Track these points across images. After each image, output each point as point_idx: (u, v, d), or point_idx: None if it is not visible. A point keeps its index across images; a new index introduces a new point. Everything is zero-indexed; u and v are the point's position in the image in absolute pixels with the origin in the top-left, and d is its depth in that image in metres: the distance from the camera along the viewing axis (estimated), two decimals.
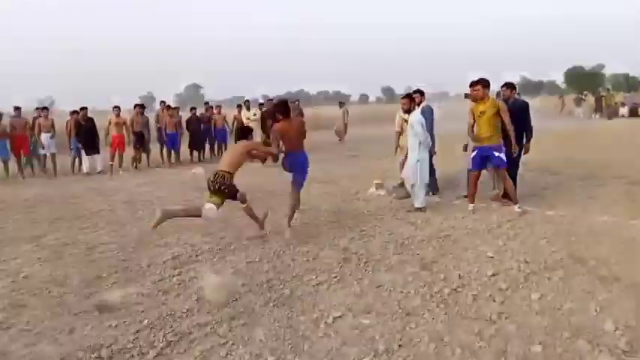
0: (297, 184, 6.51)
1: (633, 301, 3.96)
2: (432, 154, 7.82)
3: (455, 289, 4.38)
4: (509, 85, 7.74)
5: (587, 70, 77.21)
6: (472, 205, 7.30)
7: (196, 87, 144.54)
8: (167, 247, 6.19)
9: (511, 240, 5.81)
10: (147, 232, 6.90)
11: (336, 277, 4.84)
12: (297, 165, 6.45)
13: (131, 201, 9.42)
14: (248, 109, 15.86)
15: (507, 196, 7.40)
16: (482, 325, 3.67)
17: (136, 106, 14.35)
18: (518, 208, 7.02)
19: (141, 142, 14.09)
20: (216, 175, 6.03)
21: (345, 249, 5.74)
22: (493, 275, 4.67)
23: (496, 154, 6.97)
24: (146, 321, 4.00)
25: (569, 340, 3.38)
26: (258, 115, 15.17)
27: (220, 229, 6.96)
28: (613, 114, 28.89)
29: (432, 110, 8.27)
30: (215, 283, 4.49)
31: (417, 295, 4.30)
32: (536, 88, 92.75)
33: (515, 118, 7.26)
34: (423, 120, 7.39)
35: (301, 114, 18.68)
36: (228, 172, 6.07)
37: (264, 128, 14.38)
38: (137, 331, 3.84)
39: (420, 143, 7.32)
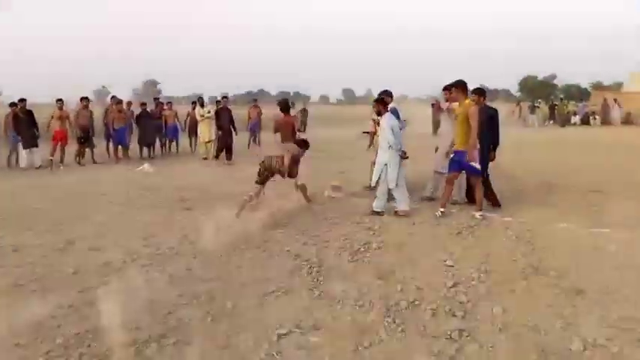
0: None
1: (598, 316, 3.72)
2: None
3: (413, 302, 4.04)
4: (475, 91, 7.47)
5: (540, 80, 79.68)
6: (442, 209, 6.98)
7: (154, 83, 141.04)
8: (101, 251, 5.61)
9: (471, 248, 5.54)
10: (81, 234, 6.31)
11: (284, 287, 4.42)
12: None
13: (70, 199, 8.71)
14: (202, 105, 15.26)
15: (473, 201, 7.19)
16: (441, 345, 3.32)
17: (81, 99, 13.51)
18: (480, 215, 6.79)
19: (85, 136, 13.27)
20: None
21: (297, 255, 5.32)
22: (453, 286, 4.36)
23: (468, 160, 6.75)
24: (61, 339, 3.47)
25: None
26: (213, 113, 14.58)
27: (163, 231, 6.43)
28: (565, 122, 29.63)
29: (397, 112, 7.97)
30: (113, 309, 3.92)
31: (372, 309, 3.93)
32: (492, 95, 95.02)
33: (484, 125, 7.05)
34: (395, 124, 7.04)
35: (260, 112, 18.22)
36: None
37: (219, 125, 13.83)
38: (48, 352, 3.30)
39: (390, 147, 6.99)
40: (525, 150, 14.97)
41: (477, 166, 6.77)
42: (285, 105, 8.62)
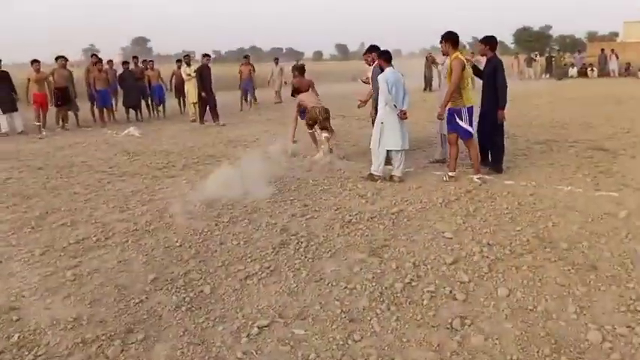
0: None
1: (615, 297, 3.37)
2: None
3: (409, 283, 3.67)
4: (482, 40, 6.86)
5: (535, 31, 78.06)
6: (451, 173, 6.54)
7: (144, 40, 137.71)
8: (73, 226, 5.21)
9: (471, 216, 5.15)
10: (56, 207, 5.90)
11: (269, 267, 4.04)
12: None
13: (47, 167, 8.25)
14: (188, 64, 14.43)
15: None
16: (442, 336, 2.97)
17: (57, 58, 12.70)
18: (478, 178, 6.39)
19: (64, 98, 12.59)
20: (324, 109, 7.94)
21: (284, 229, 4.93)
22: (452, 263, 3.99)
23: (456, 118, 6.30)
24: (17, 336, 3.10)
25: (550, 358, 2.72)
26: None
27: (143, 202, 6.02)
28: (563, 74, 28.90)
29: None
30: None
31: (364, 292, 3.56)
32: None
33: (487, 78, 6.67)
34: (392, 79, 6.47)
35: (253, 69, 17.48)
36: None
37: (201, 85, 13.06)
38: (1, 353, 2.94)
39: (386, 104, 6.50)
40: (524, 105, 14.46)
41: (465, 125, 6.33)
42: (300, 69, 9.30)
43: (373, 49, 7.36)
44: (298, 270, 3.97)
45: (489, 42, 6.76)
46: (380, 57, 6.82)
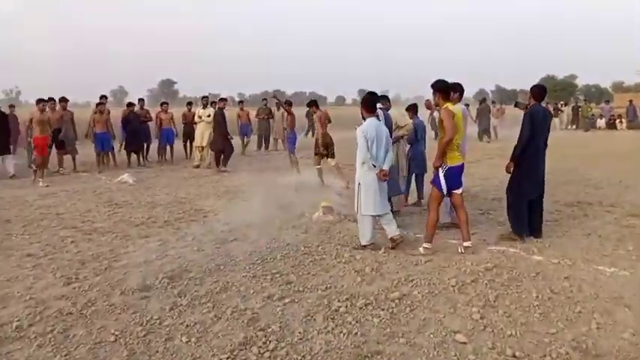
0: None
1: None
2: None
3: None
4: (530, 89, 6.17)
5: (560, 80, 77.46)
6: (427, 245, 5.57)
7: (170, 83, 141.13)
8: (2, 303, 4.27)
9: (491, 308, 4.08)
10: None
11: None
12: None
13: (15, 220, 7.42)
14: (205, 106, 13.58)
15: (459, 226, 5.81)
16: None
17: (49, 100, 11.81)
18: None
19: (57, 141, 11.90)
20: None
21: (253, 319, 3.92)
22: None
23: (438, 171, 5.57)
24: None
25: None
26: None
27: (98, 271, 5.08)
28: (590, 126, 27.72)
29: (388, 117, 6.62)
30: None
31: None
32: (511, 96, 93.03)
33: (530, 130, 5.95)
34: (372, 132, 5.57)
35: (248, 114, 17.22)
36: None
37: (217, 129, 12.25)
38: None
39: (363, 163, 5.58)
40: (551, 159, 13.27)
41: (439, 178, 5.50)
42: (289, 104, 11.84)
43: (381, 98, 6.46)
44: None
45: (533, 91, 6.10)
46: (361, 104, 5.91)
